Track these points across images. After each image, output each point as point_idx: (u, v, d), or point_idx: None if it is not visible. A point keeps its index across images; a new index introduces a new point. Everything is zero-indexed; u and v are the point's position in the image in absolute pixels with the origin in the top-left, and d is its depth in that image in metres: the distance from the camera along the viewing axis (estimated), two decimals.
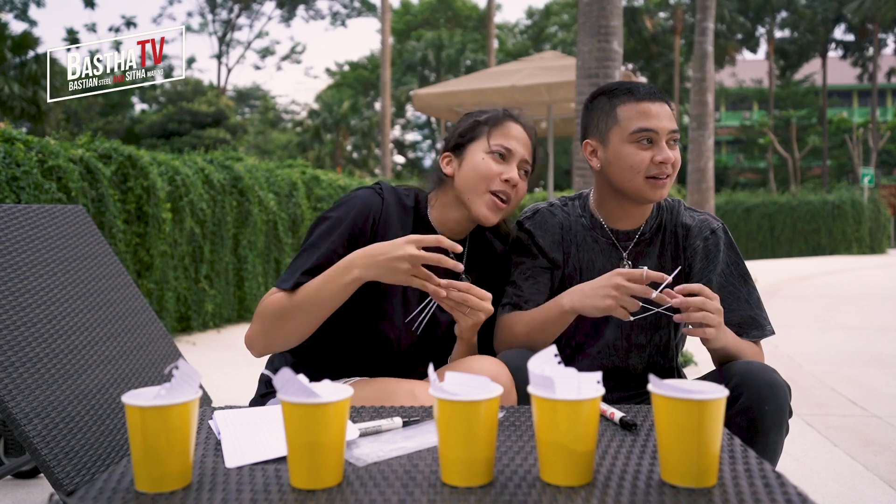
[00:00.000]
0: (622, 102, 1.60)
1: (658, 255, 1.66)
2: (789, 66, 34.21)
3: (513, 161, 1.56)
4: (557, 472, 0.89)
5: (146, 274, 5.25)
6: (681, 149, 1.64)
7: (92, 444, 1.63)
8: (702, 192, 9.48)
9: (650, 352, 1.67)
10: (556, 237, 1.68)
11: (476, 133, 1.59)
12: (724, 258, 1.64)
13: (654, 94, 1.60)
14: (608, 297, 1.40)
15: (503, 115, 1.62)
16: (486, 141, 1.56)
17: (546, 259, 1.66)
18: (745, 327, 1.59)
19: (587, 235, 1.67)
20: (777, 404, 1.35)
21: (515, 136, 1.58)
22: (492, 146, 1.55)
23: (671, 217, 1.69)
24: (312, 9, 36.58)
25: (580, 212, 1.71)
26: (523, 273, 1.65)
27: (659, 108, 1.58)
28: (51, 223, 1.99)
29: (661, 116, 1.57)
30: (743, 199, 20.39)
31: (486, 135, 1.57)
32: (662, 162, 1.55)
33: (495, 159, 1.55)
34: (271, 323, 1.42)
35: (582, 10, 4.83)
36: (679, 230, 1.67)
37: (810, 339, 5.47)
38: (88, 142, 5.12)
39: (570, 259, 1.67)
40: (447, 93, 8.61)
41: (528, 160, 1.59)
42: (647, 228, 1.66)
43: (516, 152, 1.56)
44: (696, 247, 1.64)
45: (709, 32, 9.65)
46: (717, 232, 1.66)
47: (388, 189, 1.60)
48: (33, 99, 17.25)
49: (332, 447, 0.89)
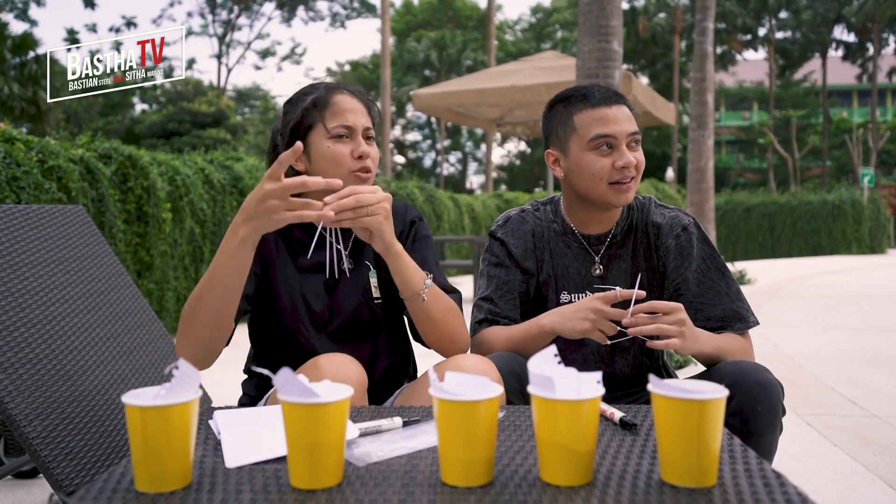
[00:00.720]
0: (578, 110, 1.58)
1: (631, 256, 1.65)
2: (789, 65, 34.21)
3: (357, 135, 1.48)
4: (557, 472, 0.89)
5: (146, 274, 5.25)
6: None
7: (92, 444, 1.63)
8: (702, 192, 9.49)
9: (635, 353, 1.67)
10: (529, 245, 1.67)
11: (309, 121, 1.49)
12: (699, 253, 1.62)
13: (610, 97, 1.57)
14: (586, 319, 1.42)
15: (326, 92, 1.51)
16: (324, 125, 1.48)
17: (519, 269, 1.66)
18: (729, 321, 1.58)
19: (559, 241, 1.67)
20: (770, 404, 1.34)
21: (349, 108, 1.49)
22: (331, 129, 1.47)
23: (641, 216, 1.67)
24: (312, 10, 36.58)
25: (552, 217, 1.70)
26: (499, 288, 1.65)
27: (616, 112, 1.55)
28: (51, 223, 1.99)
29: (618, 120, 1.55)
30: (743, 199, 20.39)
31: (320, 120, 1.48)
32: (624, 167, 1.54)
33: (341, 142, 1.47)
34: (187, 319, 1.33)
35: (582, 10, 4.83)
36: (650, 229, 1.65)
37: (810, 339, 5.47)
38: (88, 142, 5.13)
39: (544, 266, 1.67)
40: (447, 93, 8.61)
41: (369, 125, 1.51)
42: (617, 231, 1.66)
43: (357, 125, 1.48)
44: (669, 245, 1.63)
45: (709, 32, 9.66)
46: (689, 228, 1.64)
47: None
48: (33, 99, 17.26)
49: (332, 447, 0.89)
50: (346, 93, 1.52)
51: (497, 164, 41.22)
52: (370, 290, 1.55)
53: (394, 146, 37.95)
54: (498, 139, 34.58)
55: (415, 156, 41.62)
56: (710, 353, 1.48)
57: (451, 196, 12.66)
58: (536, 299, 1.67)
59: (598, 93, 1.58)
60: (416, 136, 42.10)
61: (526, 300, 1.67)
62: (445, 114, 9.70)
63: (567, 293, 1.65)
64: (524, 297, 1.67)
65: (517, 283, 1.65)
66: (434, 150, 38.95)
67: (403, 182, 11.71)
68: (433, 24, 36.55)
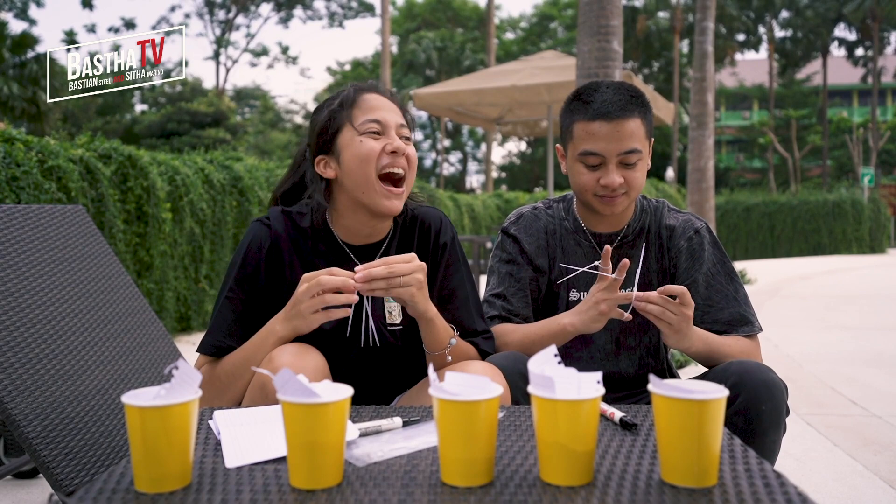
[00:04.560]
0: (577, 118, 1.56)
1: (643, 257, 1.65)
2: (790, 65, 34.19)
3: (389, 131, 1.40)
4: (557, 472, 0.89)
5: (146, 274, 5.25)
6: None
7: (91, 444, 1.63)
8: (702, 192, 9.48)
9: (640, 353, 1.68)
10: (542, 242, 1.67)
11: (338, 122, 1.41)
12: (710, 257, 1.64)
13: (610, 112, 1.51)
14: (599, 303, 1.44)
15: (355, 92, 1.43)
16: (352, 125, 1.40)
17: (531, 267, 1.66)
18: (735, 324, 1.59)
19: (570, 239, 1.68)
20: (774, 404, 1.35)
21: (379, 105, 1.41)
22: (360, 126, 1.39)
23: (654, 219, 1.68)
24: (310, 8, 36.56)
25: (563, 214, 1.70)
26: (511, 286, 1.64)
27: (611, 129, 1.50)
28: (51, 223, 1.99)
29: (610, 138, 1.51)
30: (743, 199, 20.38)
31: (348, 119, 1.40)
32: (606, 185, 1.53)
33: (372, 137, 1.39)
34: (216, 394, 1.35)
35: (582, 9, 4.83)
36: (663, 231, 1.67)
37: (810, 339, 5.46)
38: (88, 142, 5.12)
39: (556, 263, 1.67)
40: (447, 92, 8.62)
41: (403, 123, 1.43)
42: (629, 231, 1.66)
43: (388, 121, 1.40)
44: (681, 247, 1.64)
45: (709, 32, 9.65)
46: (701, 231, 1.66)
47: (277, 216, 1.47)
48: (33, 99, 17.27)
49: (332, 447, 0.89)
50: (375, 91, 1.45)
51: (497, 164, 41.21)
52: (384, 317, 1.46)
53: None
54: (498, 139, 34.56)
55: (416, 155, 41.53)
56: (700, 352, 1.50)
57: (452, 196, 12.65)
58: (548, 297, 1.67)
59: (599, 104, 1.52)
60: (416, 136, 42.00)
61: (537, 297, 1.67)
62: (445, 113, 9.71)
63: (576, 291, 1.66)
64: (535, 294, 1.67)
65: (528, 280, 1.65)
66: (434, 150, 38.92)
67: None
68: (433, 23, 36.53)
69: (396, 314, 1.46)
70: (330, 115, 1.43)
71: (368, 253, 1.47)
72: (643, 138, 1.55)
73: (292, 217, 1.47)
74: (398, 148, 1.39)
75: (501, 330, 1.59)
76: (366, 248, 1.47)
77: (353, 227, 1.46)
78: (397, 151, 1.39)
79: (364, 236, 1.47)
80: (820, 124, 33.31)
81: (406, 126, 1.44)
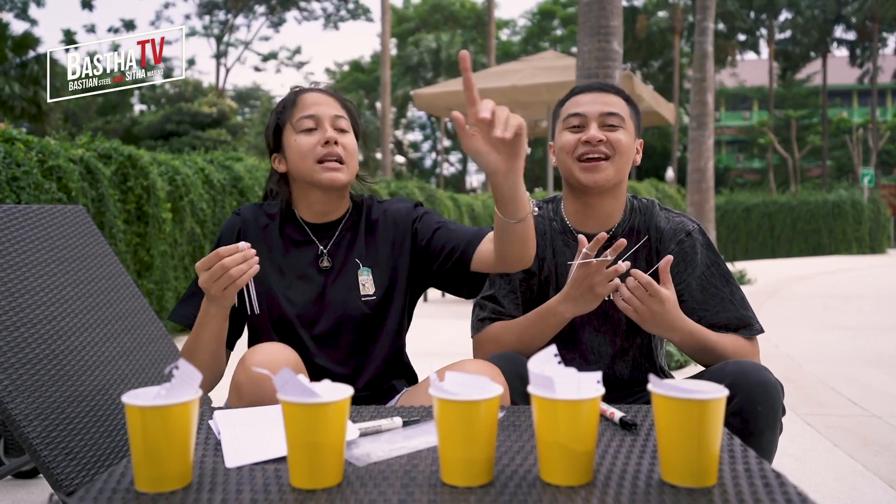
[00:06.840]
0: (564, 101, 1.70)
1: (632, 259, 1.64)
2: (791, 66, 34.19)
3: (323, 124, 1.55)
4: (557, 472, 0.89)
5: (146, 274, 5.25)
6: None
7: (92, 444, 1.63)
8: (702, 193, 9.49)
9: (634, 354, 1.67)
10: None
11: (280, 122, 1.59)
12: (703, 260, 1.63)
13: (592, 86, 1.67)
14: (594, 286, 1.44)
15: (293, 94, 1.61)
16: (291, 124, 1.57)
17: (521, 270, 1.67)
18: (734, 328, 1.59)
19: (559, 239, 1.68)
20: (770, 404, 1.35)
21: (314, 101, 1.57)
22: (296, 124, 1.56)
23: (644, 219, 1.67)
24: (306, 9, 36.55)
25: (552, 215, 1.71)
26: (502, 288, 1.66)
27: (592, 97, 1.64)
28: (51, 223, 1.99)
29: (593, 102, 1.63)
30: (743, 199, 20.38)
31: (288, 119, 1.57)
32: (587, 140, 1.59)
33: (307, 133, 1.55)
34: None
35: (582, 10, 4.83)
36: (653, 233, 1.65)
37: (810, 339, 5.47)
38: (88, 142, 5.13)
39: (546, 264, 1.68)
40: (447, 92, 8.63)
41: (340, 115, 1.58)
42: (617, 232, 1.66)
43: (322, 114, 1.55)
44: (672, 250, 1.63)
45: (709, 32, 9.66)
46: (693, 234, 1.64)
47: (249, 208, 1.66)
48: (33, 99, 17.27)
49: (332, 447, 0.89)
50: (314, 91, 1.60)
51: None
52: (359, 288, 1.57)
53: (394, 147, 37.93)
54: None
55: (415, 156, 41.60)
56: (686, 343, 1.51)
57: (451, 196, 12.66)
58: (539, 298, 1.67)
59: (585, 84, 1.69)
60: (416, 136, 42.12)
61: (528, 298, 1.67)
62: (445, 113, 9.72)
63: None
64: (526, 296, 1.67)
65: (519, 281, 1.66)
66: (434, 150, 38.93)
67: (404, 182, 11.73)
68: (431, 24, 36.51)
69: (369, 286, 1.58)
70: (276, 118, 1.61)
71: (328, 230, 1.62)
72: (627, 114, 1.64)
73: (263, 207, 1.66)
74: (330, 137, 1.53)
75: (495, 331, 1.60)
76: (325, 225, 1.62)
77: (311, 206, 1.61)
78: (329, 141, 1.53)
79: (322, 214, 1.62)
80: (820, 125, 33.32)
81: (343, 117, 1.58)
